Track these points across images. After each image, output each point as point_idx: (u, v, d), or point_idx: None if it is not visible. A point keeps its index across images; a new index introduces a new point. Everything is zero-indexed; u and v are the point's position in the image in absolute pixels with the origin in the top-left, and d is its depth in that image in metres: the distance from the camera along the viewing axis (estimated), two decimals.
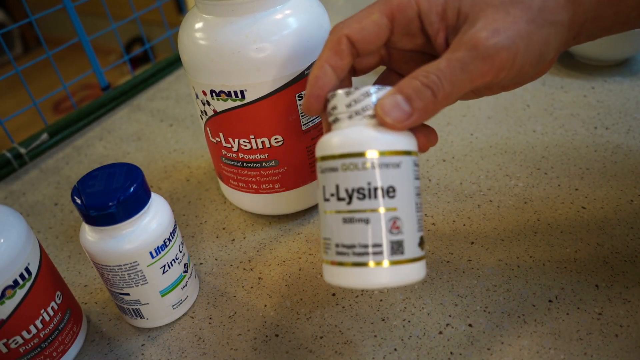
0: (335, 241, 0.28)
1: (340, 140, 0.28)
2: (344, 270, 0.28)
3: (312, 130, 0.41)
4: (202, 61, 0.37)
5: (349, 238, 0.28)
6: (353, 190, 0.27)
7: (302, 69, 0.38)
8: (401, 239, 0.27)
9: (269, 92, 0.37)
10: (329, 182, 0.28)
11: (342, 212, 0.28)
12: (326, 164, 0.28)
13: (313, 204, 0.45)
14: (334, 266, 0.28)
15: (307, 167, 0.42)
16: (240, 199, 0.45)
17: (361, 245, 0.27)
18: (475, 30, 0.28)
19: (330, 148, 0.28)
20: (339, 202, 0.28)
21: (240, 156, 0.41)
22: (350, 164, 0.27)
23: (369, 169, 0.27)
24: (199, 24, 0.37)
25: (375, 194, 0.27)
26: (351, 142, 0.27)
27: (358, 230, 0.27)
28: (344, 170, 0.27)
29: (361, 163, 0.27)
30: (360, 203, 0.27)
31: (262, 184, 0.42)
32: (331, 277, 0.29)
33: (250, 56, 0.36)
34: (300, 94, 0.38)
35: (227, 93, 0.37)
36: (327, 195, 0.28)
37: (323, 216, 0.29)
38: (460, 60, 0.27)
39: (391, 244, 0.27)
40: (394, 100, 0.28)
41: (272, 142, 0.40)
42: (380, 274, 0.27)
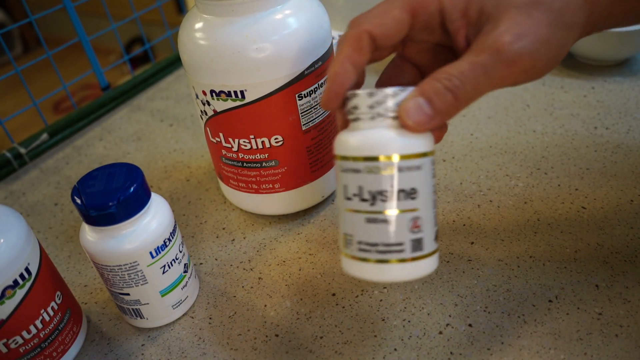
0: (358, 239, 0.29)
1: (364, 143, 0.28)
2: (366, 265, 0.29)
3: (312, 130, 0.41)
4: (202, 61, 0.37)
5: (372, 237, 0.28)
6: (376, 193, 0.28)
7: (302, 68, 0.38)
8: (421, 236, 0.29)
9: (269, 92, 0.37)
10: (351, 183, 0.29)
11: (365, 213, 0.28)
12: (348, 165, 0.29)
13: (313, 203, 0.46)
14: (355, 261, 0.29)
15: (307, 167, 0.42)
16: (240, 199, 0.45)
17: (384, 244, 0.28)
18: (498, 34, 0.27)
19: (353, 150, 0.28)
20: (362, 202, 0.28)
21: (240, 156, 0.41)
22: (374, 167, 0.28)
23: (393, 172, 0.28)
24: (199, 24, 0.37)
25: (398, 197, 0.28)
26: (375, 146, 0.28)
27: (381, 230, 0.28)
28: (367, 173, 0.28)
29: (384, 166, 0.28)
30: (383, 205, 0.28)
31: (262, 184, 0.42)
32: (352, 270, 0.30)
33: (250, 56, 0.36)
34: (300, 93, 0.38)
35: (227, 93, 0.37)
36: (348, 194, 0.29)
37: (343, 213, 0.30)
38: (484, 64, 0.28)
39: (412, 242, 0.28)
40: (417, 103, 0.28)
41: (272, 142, 0.40)
42: (401, 270, 0.29)
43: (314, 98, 0.40)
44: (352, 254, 0.29)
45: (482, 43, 0.28)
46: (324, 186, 0.45)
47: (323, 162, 0.43)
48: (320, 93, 0.40)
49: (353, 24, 0.30)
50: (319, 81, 0.39)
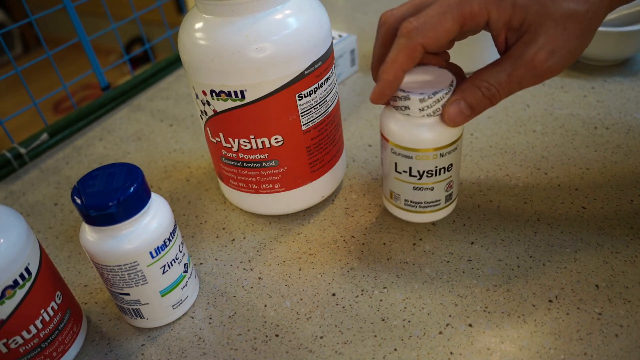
0: (405, 198, 0.40)
1: (416, 138, 0.36)
2: (411, 214, 0.41)
3: (312, 130, 0.41)
4: (202, 61, 0.37)
5: (417, 198, 0.40)
6: (424, 172, 0.38)
7: (303, 68, 0.38)
8: (451, 192, 0.40)
9: (269, 92, 0.37)
10: (402, 162, 0.38)
11: (413, 183, 0.39)
12: (400, 151, 0.37)
13: (313, 203, 0.46)
14: (402, 210, 0.41)
15: (307, 167, 0.42)
16: (240, 199, 0.45)
17: (427, 202, 0.40)
18: (535, 51, 0.32)
19: (407, 142, 0.37)
20: (411, 177, 0.38)
21: (240, 156, 0.41)
22: (424, 156, 0.37)
23: (437, 158, 0.37)
24: (199, 24, 0.37)
25: (439, 172, 0.38)
26: (424, 141, 0.36)
27: (425, 194, 0.39)
28: (417, 159, 0.37)
29: (432, 155, 0.37)
30: (428, 179, 0.38)
31: (262, 184, 0.42)
32: (400, 215, 0.42)
33: (250, 56, 0.36)
34: (300, 93, 0.38)
35: (227, 93, 0.37)
36: (399, 169, 0.39)
37: (392, 178, 0.40)
38: (520, 77, 0.33)
39: (446, 197, 0.40)
40: (459, 108, 0.35)
41: (272, 142, 0.40)
42: (436, 215, 0.41)
43: (314, 98, 0.40)
44: (400, 205, 0.41)
45: (521, 56, 0.32)
46: (324, 186, 0.45)
47: (323, 162, 0.43)
48: (320, 93, 0.40)
49: (409, 34, 0.32)
50: (319, 81, 0.39)
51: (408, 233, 0.43)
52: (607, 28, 0.56)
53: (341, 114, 0.58)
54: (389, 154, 0.38)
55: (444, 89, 0.34)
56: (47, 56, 0.58)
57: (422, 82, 0.36)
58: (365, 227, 0.44)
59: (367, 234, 0.43)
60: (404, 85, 0.35)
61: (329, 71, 0.40)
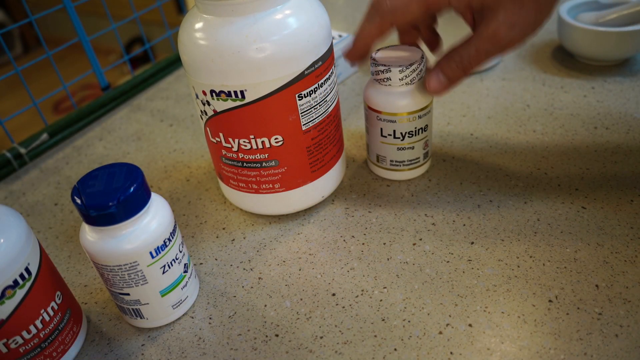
0: (390, 159, 0.47)
1: (397, 104, 0.43)
2: (397, 173, 0.47)
3: (312, 130, 0.41)
4: (202, 61, 0.37)
5: (400, 157, 0.46)
6: (405, 133, 0.45)
7: (303, 68, 0.38)
8: (428, 150, 0.47)
9: (269, 92, 0.37)
10: (387, 127, 0.45)
11: (396, 145, 0.45)
12: (385, 117, 0.44)
13: (313, 203, 0.46)
14: (389, 170, 0.48)
15: (307, 167, 0.42)
16: (240, 199, 0.45)
17: (409, 160, 0.47)
18: (496, 25, 0.37)
19: (390, 108, 0.43)
20: (395, 139, 0.45)
21: (240, 156, 0.41)
22: (406, 118, 0.44)
23: (416, 119, 0.44)
24: (199, 24, 0.37)
25: (418, 132, 0.45)
26: (405, 106, 0.43)
27: (407, 153, 0.46)
28: (400, 122, 0.44)
29: (412, 118, 0.44)
30: (409, 139, 0.45)
31: (262, 184, 0.42)
32: (387, 175, 0.48)
33: (250, 56, 0.36)
34: (300, 93, 0.38)
35: (227, 93, 0.37)
36: (384, 134, 0.45)
37: (379, 143, 0.46)
38: (486, 50, 0.38)
39: (424, 155, 0.47)
40: (438, 79, 0.41)
41: (272, 142, 0.40)
42: (418, 171, 0.48)
43: (314, 98, 0.40)
44: (386, 166, 0.47)
45: (485, 32, 0.38)
46: (324, 186, 0.45)
47: (323, 162, 0.43)
48: (320, 93, 0.40)
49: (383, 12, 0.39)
50: (319, 81, 0.39)
51: (408, 233, 0.43)
52: (607, 28, 0.56)
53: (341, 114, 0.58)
54: (374, 122, 0.45)
55: (417, 61, 0.42)
56: (47, 56, 0.58)
57: (398, 58, 0.43)
58: (365, 227, 0.44)
59: (367, 234, 0.43)
60: (384, 60, 0.43)
61: (329, 71, 0.40)
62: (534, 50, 0.65)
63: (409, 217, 0.44)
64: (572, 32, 0.59)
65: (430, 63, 0.43)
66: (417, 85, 0.43)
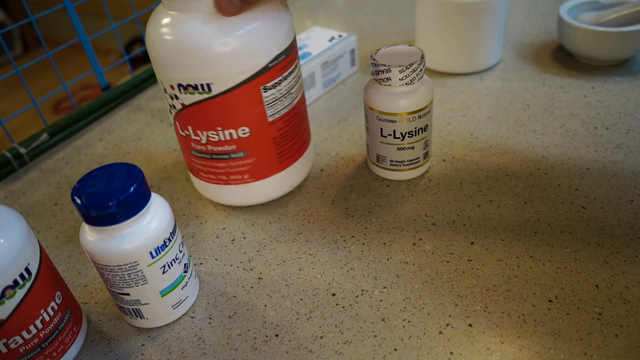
0: (390, 158, 0.47)
1: (397, 104, 0.43)
2: (397, 173, 0.47)
3: (278, 121, 0.42)
4: (169, 56, 0.38)
5: (400, 157, 0.46)
6: (405, 133, 0.45)
7: (266, 62, 0.39)
8: (428, 150, 0.47)
9: (234, 85, 0.38)
10: (387, 127, 0.45)
11: (396, 144, 0.45)
12: (385, 117, 0.44)
13: (282, 194, 0.47)
14: (389, 171, 0.48)
15: (274, 158, 0.43)
16: (210, 191, 0.46)
17: (409, 161, 0.47)
18: None
19: (389, 108, 0.43)
20: (395, 139, 0.45)
21: (209, 148, 0.42)
22: (405, 118, 0.44)
23: (416, 119, 0.44)
24: (165, 20, 0.38)
25: (418, 132, 0.45)
26: (404, 106, 0.43)
27: (407, 153, 0.46)
28: (400, 122, 0.44)
29: (412, 118, 0.44)
30: (409, 139, 0.45)
31: (231, 175, 0.44)
32: (387, 175, 0.48)
33: (215, 50, 0.37)
34: (265, 86, 0.39)
35: (194, 86, 0.38)
36: (384, 134, 0.45)
37: (379, 142, 0.46)
38: None
39: (424, 155, 0.47)
40: None
41: (239, 134, 0.41)
42: (418, 171, 0.48)
43: (279, 90, 0.41)
44: (386, 166, 0.47)
45: None
46: (292, 176, 0.46)
47: (290, 153, 0.44)
48: (284, 85, 0.41)
49: None
50: (283, 73, 0.40)
51: (408, 233, 0.43)
52: (607, 28, 0.56)
53: (341, 114, 0.58)
54: (374, 122, 0.45)
55: (417, 61, 0.42)
56: (47, 56, 0.58)
57: (398, 58, 0.43)
58: (365, 227, 0.44)
59: (367, 234, 0.43)
60: (384, 60, 0.43)
61: (292, 64, 0.41)
62: (534, 50, 0.65)
63: (409, 217, 0.44)
64: (572, 32, 0.59)
65: None
66: (417, 85, 0.43)
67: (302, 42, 0.62)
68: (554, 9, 0.73)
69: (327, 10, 0.83)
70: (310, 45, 0.61)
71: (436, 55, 0.62)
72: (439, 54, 0.62)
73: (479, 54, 0.60)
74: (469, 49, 0.60)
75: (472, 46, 0.59)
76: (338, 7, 0.84)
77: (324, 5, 0.85)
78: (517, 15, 0.73)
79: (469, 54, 0.60)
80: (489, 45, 0.60)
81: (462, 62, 0.61)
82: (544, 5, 0.75)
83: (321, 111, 0.59)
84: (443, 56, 0.61)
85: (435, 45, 0.61)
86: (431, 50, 0.62)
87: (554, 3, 0.75)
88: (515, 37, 0.68)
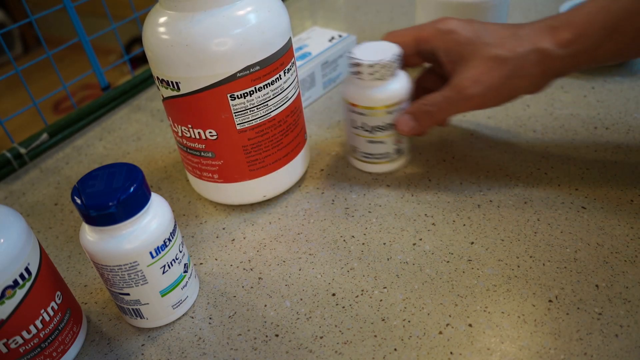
0: (362, 150, 0.48)
1: (367, 97, 0.44)
2: (368, 165, 0.49)
3: (249, 131, 0.42)
4: (148, 50, 0.40)
5: (371, 150, 0.47)
6: (374, 127, 0.46)
7: (234, 71, 0.38)
8: (401, 147, 0.48)
9: (199, 88, 0.39)
10: (357, 119, 0.46)
11: (367, 137, 0.46)
12: (355, 109, 0.45)
13: (254, 201, 0.47)
14: (360, 162, 0.49)
15: (244, 165, 0.43)
16: (193, 180, 0.48)
17: (379, 154, 0.48)
18: (462, 78, 0.42)
19: (358, 100, 0.45)
20: (365, 131, 0.46)
21: (184, 142, 0.44)
22: (373, 113, 0.45)
23: (385, 115, 0.45)
24: (154, 17, 0.40)
25: (388, 128, 0.46)
26: (374, 100, 0.44)
27: (377, 147, 0.47)
28: (369, 116, 0.45)
29: (380, 112, 0.45)
30: (379, 133, 0.46)
31: (202, 171, 0.45)
32: (359, 166, 0.49)
33: (182, 52, 0.38)
34: (233, 94, 0.39)
35: (167, 82, 0.40)
36: (355, 125, 0.47)
37: (352, 134, 0.47)
38: (450, 98, 0.43)
39: (395, 151, 0.48)
40: (406, 119, 0.45)
41: (207, 135, 0.42)
42: (389, 166, 0.49)
43: (250, 100, 0.40)
44: (359, 157, 0.49)
45: (453, 82, 0.42)
46: (266, 186, 0.46)
47: (264, 164, 0.44)
48: (258, 97, 0.41)
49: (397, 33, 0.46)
50: (256, 85, 0.40)
51: (408, 233, 0.43)
52: None
53: (341, 114, 0.58)
54: (348, 113, 0.46)
55: (387, 58, 0.43)
56: (47, 56, 0.58)
57: (372, 53, 0.44)
58: (365, 227, 0.44)
59: (367, 234, 0.43)
60: (359, 55, 0.44)
61: (271, 77, 0.40)
62: None
63: (409, 217, 0.44)
64: None
65: None
66: (389, 81, 0.44)
67: (302, 42, 0.62)
68: (554, 9, 0.73)
69: (327, 10, 0.83)
70: (310, 45, 0.61)
71: None
72: None
73: None
74: None
75: None
76: (338, 7, 0.84)
77: (324, 5, 0.84)
78: (517, 15, 0.73)
79: None
80: None
81: None
82: (544, 5, 0.75)
83: (321, 111, 0.59)
84: None
85: None
86: None
87: (554, 3, 0.75)
88: None
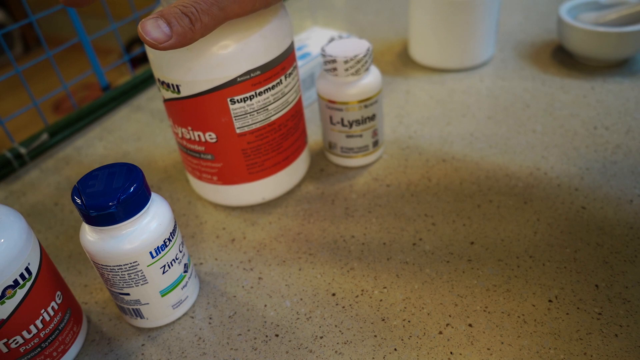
0: (341, 145, 0.49)
1: (344, 93, 0.45)
2: (348, 160, 0.50)
3: (248, 134, 0.42)
4: (150, 52, 0.40)
5: (350, 144, 0.48)
6: (352, 121, 0.47)
7: (234, 75, 0.38)
8: (377, 139, 0.49)
9: (200, 92, 0.39)
10: (336, 115, 0.47)
11: (345, 132, 0.47)
12: (333, 105, 0.46)
13: (253, 203, 0.47)
14: (340, 157, 0.50)
15: (243, 168, 0.44)
16: (193, 180, 0.48)
17: (358, 148, 0.49)
18: None
19: (335, 96, 0.46)
20: (343, 127, 0.47)
21: (184, 143, 0.44)
22: (351, 107, 0.46)
23: (362, 108, 0.46)
24: None
25: (365, 121, 0.47)
26: (351, 95, 0.45)
27: (356, 141, 0.48)
28: (346, 110, 0.46)
29: (356, 107, 0.46)
30: (357, 127, 0.47)
31: (202, 172, 0.45)
32: (339, 162, 0.50)
33: (184, 55, 0.37)
34: (233, 98, 0.39)
35: (167, 85, 0.40)
36: (333, 121, 0.47)
37: (329, 130, 0.48)
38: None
39: (373, 143, 0.49)
40: (156, 22, 0.31)
41: (206, 138, 0.42)
42: (368, 158, 0.50)
43: (250, 105, 0.40)
44: (338, 153, 0.49)
45: None
46: (265, 189, 0.46)
47: (263, 167, 0.44)
48: (258, 101, 0.40)
49: None
50: (256, 89, 0.40)
51: (408, 233, 0.43)
52: (607, 28, 0.56)
53: None
54: (325, 110, 0.47)
55: (361, 53, 0.44)
56: (48, 56, 0.58)
57: (345, 49, 0.45)
58: (365, 227, 0.44)
59: (367, 234, 0.43)
60: (332, 51, 0.45)
61: (272, 81, 0.40)
62: (534, 50, 0.65)
63: (409, 217, 0.44)
64: (572, 32, 0.59)
65: None
66: (364, 75, 0.45)
67: (302, 42, 0.62)
68: (554, 9, 0.73)
69: (327, 10, 0.83)
70: (310, 46, 0.61)
71: (429, 51, 0.62)
72: (431, 50, 0.62)
73: (471, 50, 0.60)
74: (461, 44, 0.60)
75: (464, 42, 0.60)
76: (338, 7, 0.84)
77: (324, 5, 0.84)
78: (517, 15, 0.73)
79: (461, 50, 0.60)
80: (480, 41, 0.60)
81: (454, 58, 0.62)
82: (544, 5, 0.75)
83: None
84: (435, 52, 0.62)
85: (428, 41, 0.61)
86: (424, 46, 0.62)
87: (554, 3, 0.75)
88: (515, 37, 0.68)
